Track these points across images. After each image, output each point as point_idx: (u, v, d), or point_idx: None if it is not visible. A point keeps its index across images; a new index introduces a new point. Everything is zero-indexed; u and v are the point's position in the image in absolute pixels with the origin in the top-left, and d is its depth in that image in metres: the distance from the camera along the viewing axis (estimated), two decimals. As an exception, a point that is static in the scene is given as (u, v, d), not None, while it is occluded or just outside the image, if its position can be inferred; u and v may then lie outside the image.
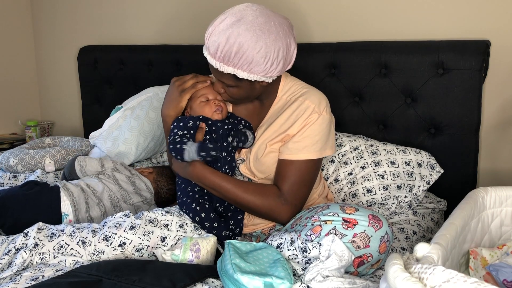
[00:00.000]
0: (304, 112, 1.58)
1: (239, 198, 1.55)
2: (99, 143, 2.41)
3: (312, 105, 1.59)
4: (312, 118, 1.57)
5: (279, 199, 1.55)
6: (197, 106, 1.65)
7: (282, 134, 1.59)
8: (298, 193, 1.57)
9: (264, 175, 1.62)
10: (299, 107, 1.60)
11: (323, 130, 1.58)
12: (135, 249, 1.42)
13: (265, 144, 1.62)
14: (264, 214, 1.57)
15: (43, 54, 3.40)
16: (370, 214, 1.33)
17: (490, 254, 1.30)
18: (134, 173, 1.92)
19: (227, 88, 1.58)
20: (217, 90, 1.62)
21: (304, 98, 1.61)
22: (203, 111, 1.64)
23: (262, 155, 1.61)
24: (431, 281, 0.85)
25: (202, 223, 1.53)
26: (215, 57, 1.49)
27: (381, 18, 2.11)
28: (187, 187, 1.61)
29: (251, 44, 1.43)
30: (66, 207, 1.67)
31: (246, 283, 1.14)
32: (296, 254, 1.31)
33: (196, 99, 1.65)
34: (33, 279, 1.27)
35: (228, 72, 1.49)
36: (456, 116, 1.89)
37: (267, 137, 1.62)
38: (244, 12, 1.47)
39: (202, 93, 1.65)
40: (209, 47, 1.50)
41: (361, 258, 1.29)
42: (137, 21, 2.90)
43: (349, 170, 1.87)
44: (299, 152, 1.56)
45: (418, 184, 1.79)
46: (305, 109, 1.59)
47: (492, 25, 1.88)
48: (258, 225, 1.65)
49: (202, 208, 1.55)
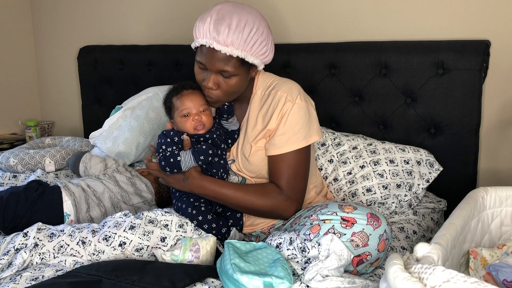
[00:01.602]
0: (278, 104, 1.58)
1: (241, 202, 1.55)
2: (99, 143, 2.41)
3: (284, 94, 1.58)
4: (287, 107, 1.56)
5: (281, 196, 1.55)
6: (179, 121, 1.60)
7: (263, 130, 1.59)
8: (296, 186, 1.57)
9: (254, 174, 1.62)
10: (273, 100, 1.60)
11: (302, 117, 1.57)
12: (135, 249, 1.41)
13: (249, 143, 1.61)
14: (268, 214, 1.58)
15: (43, 54, 3.40)
16: (368, 213, 1.33)
17: (490, 254, 1.30)
18: (134, 174, 1.92)
19: (225, 80, 1.53)
20: (211, 86, 1.53)
21: (276, 90, 1.61)
22: (184, 126, 1.59)
23: (249, 155, 1.61)
24: (431, 281, 0.85)
25: (200, 225, 1.53)
26: (222, 42, 1.48)
27: (381, 18, 2.11)
28: (181, 193, 1.60)
29: (255, 26, 1.49)
30: (68, 207, 1.68)
31: (246, 283, 1.14)
32: (295, 254, 1.31)
33: (178, 111, 1.60)
34: (33, 279, 1.27)
35: (237, 56, 1.49)
36: (456, 116, 1.89)
37: (250, 136, 1.62)
38: (232, 4, 1.52)
39: (185, 106, 1.58)
40: (214, 34, 1.47)
41: (360, 256, 1.29)
42: (137, 21, 2.90)
43: (348, 170, 1.87)
44: (284, 145, 1.56)
45: (418, 183, 1.79)
46: (278, 100, 1.58)
47: (492, 25, 1.88)
48: (258, 225, 1.65)
49: (198, 211, 1.54)
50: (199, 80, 1.58)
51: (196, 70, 1.58)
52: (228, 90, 1.56)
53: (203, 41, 1.50)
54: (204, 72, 1.55)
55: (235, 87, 1.56)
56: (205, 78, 1.55)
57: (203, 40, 1.50)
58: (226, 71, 1.51)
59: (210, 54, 1.50)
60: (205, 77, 1.55)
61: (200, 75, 1.57)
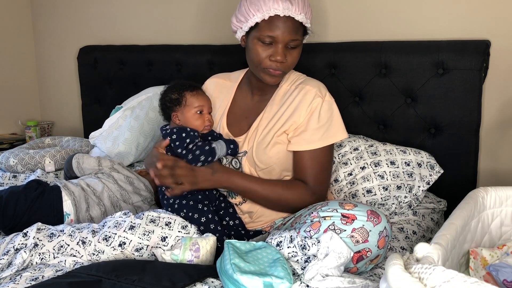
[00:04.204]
0: (306, 97, 1.61)
1: (270, 195, 1.58)
2: (99, 143, 2.41)
3: (313, 89, 1.62)
4: (317, 103, 1.60)
5: (307, 192, 1.58)
6: (190, 116, 1.63)
7: (288, 122, 1.61)
8: (322, 182, 1.62)
9: (265, 166, 1.62)
10: (299, 93, 1.63)
11: (332, 114, 1.61)
12: (135, 248, 1.41)
13: (271, 135, 1.62)
14: (294, 207, 1.59)
15: (43, 54, 3.40)
16: (368, 210, 1.33)
17: (490, 254, 1.30)
18: (131, 173, 1.92)
19: (290, 52, 1.56)
20: (282, 59, 1.54)
21: (304, 84, 1.65)
22: (194, 123, 1.62)
23: (266, 145, 1.61)
24: (431, 281, 0.85)
25: (205, 226, 1.53)
26: (297, 9, 1.51)
27: (381, 18, 2.11)
28: (169, 205, 1.60)
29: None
30: (67, 206, 1.68)
31: (246, 283, 1.14)
32: (295, 252, 1.31)
33: (190, 107, 1.63)
34: (33, 279, 1.27)
35: (302, 23, 1.54)
36: (456, 116, 1.89)
37: (272, 127, 1.63)
38: None
39: (201, 103, 1.64)
40: (287, 3, 1.49)
41: (360, 253, 1.29)
42: (137, 21, 2.90)
43: (349, 171, 1.87)
44: (313, 142, 1.58)
45: (418, 184, 1.79)
46: (305, 93, 1.62)
47: (492, 25, 1.88)
48: (258, 223, 1.66)
49: (191, 219, 1.53)
50: (261, 59, 1.56)
51: (258, 49, 1.56)
52: (293, 62, 1.60)
53: (276, 11, 1.49)
54: (269, 48, 1.55)
55: (296, 59, 1.61)
56: (272, 53, 1.54)
57: (276, 10, 1.49)
58: (296, 40, 1.55)
59: (283, 24, 1.51)
60: (271, 53, 1.54)
61: (264, 52, 1.55)
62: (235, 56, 2.34)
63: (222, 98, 1.78)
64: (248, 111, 1.72)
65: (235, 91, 1.78)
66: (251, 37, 1.57)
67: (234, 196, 1.67)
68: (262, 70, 1.58)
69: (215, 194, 1.64)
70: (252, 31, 1.56)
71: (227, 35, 2.46)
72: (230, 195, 1.68)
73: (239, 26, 1.60)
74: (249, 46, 1.59)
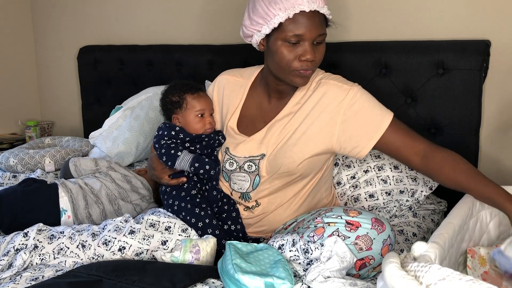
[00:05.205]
0: (338, 94, 1.51)
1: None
2: (99, 143, 2.41)
3: (337, 82, 1.53)
4: (351, 96, 1.50)
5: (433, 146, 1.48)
6: (191, 120, 1.61)
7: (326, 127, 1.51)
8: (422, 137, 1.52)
9: (287, 170, 1.53)
10: (324, 87, 1.54)
11: (369, 95, 1.53)
12: (135, 253, 1.41)
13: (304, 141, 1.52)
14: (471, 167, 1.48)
15: (43, 54, 3.40)
16: (373, 218, 1.33)
17: (488, 253, 1.29)
18: (128, 172, 1.93)
19: (318, 47, 1.45)
20: (312, 57, 1.43)
21: (326, 79, 1.55)
22: (194, 126, 1.61)
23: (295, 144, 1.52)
24: (427, 279, 0.85)
25: (204, 230, 1.52)
26: (320, 2, 1.42)
27: (381, 18, 2.11)
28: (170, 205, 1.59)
29: None
30: (64, 203, 1.68)
31: (247, 283, 1.14)
32: (297, 255, 1.31)
33: (191, 111, 1.61)
34: (33, 279, 1.27)
35: (328, 16, 1.46)
36: (456, 116, 1.89)
37: (304, 132, 1.53)
38: None
39: (202, 107, 1.62)
40: None
41: (363, 260, 1.29)
42: (137, 21, 2.90)
43: (352, 174, 1.84)
44: (381, 123, 1.48)
45: (421, 189, 1.77)
46: (332, 87, 1.53)
47: (492, 25, 1.88)
48: (262, 232, 1.64)
49: (189, 223, 1.52)
50: (289, 61, 1.44)
51: (283, 51, 1.43)
52: (320, 59, 1.48)
53: (301, 6, 1.38)
54: (296, 48, 1.43)
55: (323, 55, 1.49)
56: (302, 53, 1.42)
57: (301, 6, 1.38)
58: (323, 35, 1.45)
59: (309, 20, 1.39)
60: (300, 52, 1.42)
61: (291, 53, 1.43)
62: (235, 56, 2.34)
63: (234, 96, 1.67)
64: (265, 114, 1.61)
65: (248, 89, 1.67)
66: (273, 39, 1.44)
67: (248, 198, 1.60)
68: (291, 72, 1.45)
69: (216, 195, 1.61)
70: (274, 32, 1.43)
71: (227, 35, 2.46)
72: (244, 198, 1.61)
73: (257, 29, 1.46)
74: (272, 49, 1.45)
